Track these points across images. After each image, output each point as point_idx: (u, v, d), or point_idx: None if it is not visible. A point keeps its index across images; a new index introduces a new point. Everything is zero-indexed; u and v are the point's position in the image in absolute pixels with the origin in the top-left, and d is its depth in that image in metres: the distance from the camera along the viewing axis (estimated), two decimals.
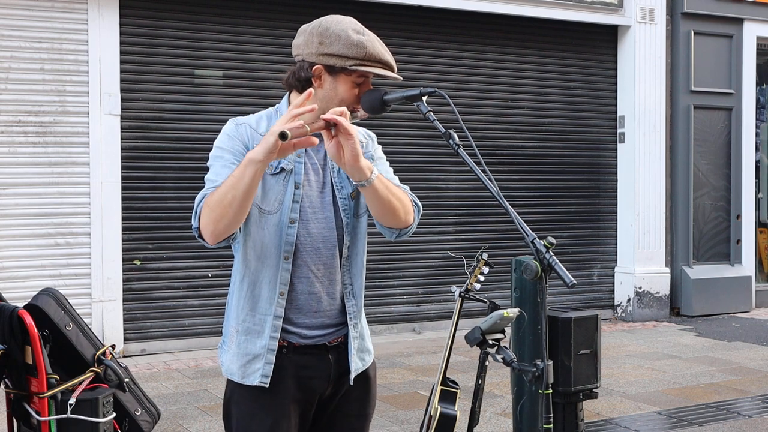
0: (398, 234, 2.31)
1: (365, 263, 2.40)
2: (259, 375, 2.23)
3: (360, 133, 2.39)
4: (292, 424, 2.27)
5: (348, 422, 2.40)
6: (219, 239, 2.14)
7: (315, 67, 2.22)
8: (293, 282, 2.25)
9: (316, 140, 2.10)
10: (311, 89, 2.11)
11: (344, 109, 2.12)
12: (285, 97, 2.35)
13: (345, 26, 2.22)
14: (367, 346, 2.41)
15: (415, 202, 2.34)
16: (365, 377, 2.41)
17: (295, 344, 2.27)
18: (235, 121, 2.31)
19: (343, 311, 2.32)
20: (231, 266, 7.34)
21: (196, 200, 2.18)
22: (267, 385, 2.22)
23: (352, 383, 2.33)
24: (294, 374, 2.26)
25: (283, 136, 1.96)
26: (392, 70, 2.27)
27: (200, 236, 2.17)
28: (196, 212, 2.16)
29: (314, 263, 2.26)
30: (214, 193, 2.11)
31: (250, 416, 2.26)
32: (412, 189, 2.40)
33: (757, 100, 9.81)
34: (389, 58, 2.26)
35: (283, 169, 2.25)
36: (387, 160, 2.46)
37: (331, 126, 2.09)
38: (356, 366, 2.34)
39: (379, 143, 2.47)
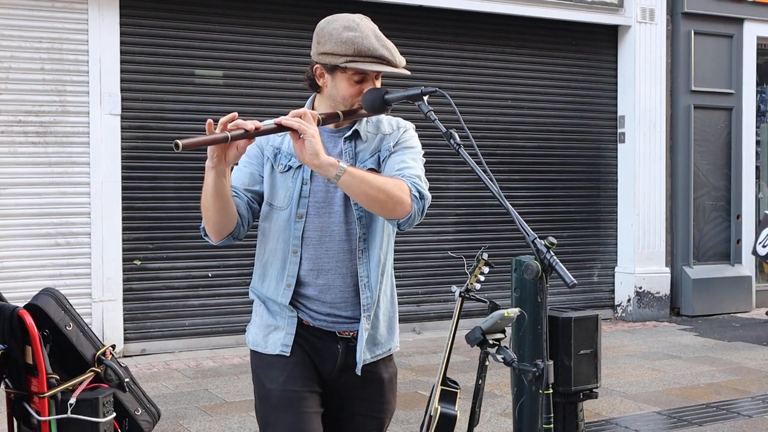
0: (398, 224, 2.28)
1: (387, 255, 2.38)
2: (280, 344, 2.33)
3: (389, 124, 2.40)
4: (304, 385, 2.31)
5: (354, 421, 2.40)
6: (220, 237, 2.28)
7: (315, 66, 2.29)
8: (303, 275, 2.31)
9: (253, 140, 2.18)
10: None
11: (305, 110, 2.17)
12: (310, 99, 2.40)
13: (337, 24, 2.24)
14: (380, 341, 2.39)
15: (418, 192, 2.25)
16: (377, 378, 2.40)
17: (304, 322, 2.34)
18: None
19: (358, 303, 2.33)
20: (230, 266, 7.37)
21: None
22: (288, 354, 2.32)
23: (359, 373, 2.33)
24: (302, 345, 2.34)
25: (175, 146, 2.01)
26: (392, 65, 2.26)
27: (205, 234, 2.31)
28: None
29: (324, 256, 2.30)
30: (201, 198, 2.25)
31: (264, 376, 2.36)
32: None
33: (758, 108, 9.80)
34: (384, 52, 2.24)
35: (290, 167, 2.31)
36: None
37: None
38: (364, 357, 2.34)
39: None
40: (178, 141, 1.99)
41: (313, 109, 2.34)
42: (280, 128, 2.14)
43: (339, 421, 2.40)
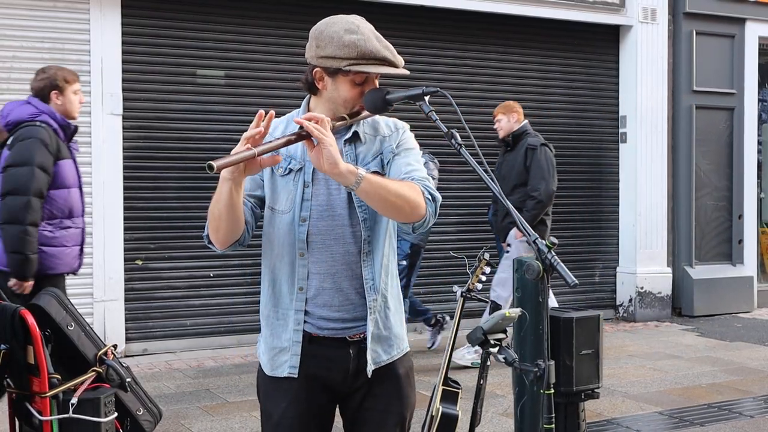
0: (412, 228, 2.28)
1: (390, 257, 2.37)
2: (287, 366, 2.32)
3: (386, 125, 2.39)
4: (307, 409, 2.33)
5: (372, 417, 2.38)
6: (225, 245, 2.26)
7: (315, 70, 2.27)
8: (309, 278, 2.30)
9: (280, 158, 2.19)
10: (262, 111, 2.12)
11: (322, 116, 2.13)
12: (305, 100, 2.39)
13: (338, 27, 2.23)
14: (394, 341, 2.39)
15: (430, 195, 2.27)
16: (394, 374, 2.39)
17: (312, 334, 2.32)
18: None
19: (364, 306, 2.32)
20: (232, 266, 7.32)
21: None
22: (296, 376, 2.31)
23: (369, 375, 2.33)
24: (310, 364, 2.32)
25: (209, 167, 1.98)
26: (393, 65, 2.26)
27: (209, 242, 2.29)
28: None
29: (328, 260, 2.29)
30: (210, 206, 2.22)
31: (266, 397, 2.39)
32: None
33: (759, 116, 9.79)
34: (386, 53, 2.24)
35: (291, 170, 2.30)
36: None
37: (309, 135, 2.10)
38: (376, 358, 2.34)
39: None
40: (212, 163, 1.98)
41: (308, 111, 2.32)
42: (300, 137, 2.12)
43: (360, 419, 2.39)
